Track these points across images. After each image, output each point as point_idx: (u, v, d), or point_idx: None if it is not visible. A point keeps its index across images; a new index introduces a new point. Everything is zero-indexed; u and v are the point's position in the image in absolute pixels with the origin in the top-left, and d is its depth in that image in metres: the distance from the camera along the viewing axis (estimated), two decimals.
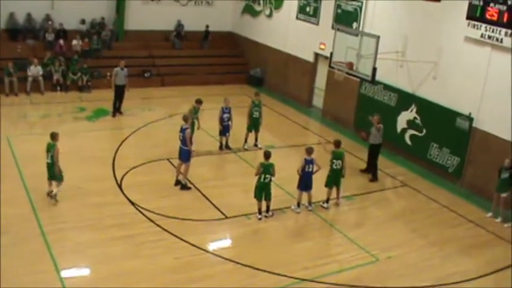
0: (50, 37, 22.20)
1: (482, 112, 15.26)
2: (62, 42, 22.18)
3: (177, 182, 14.14)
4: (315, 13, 21.49)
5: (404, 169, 17.00)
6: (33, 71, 20.48)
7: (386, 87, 18.17)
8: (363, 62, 15.60)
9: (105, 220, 12.17)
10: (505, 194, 13.81)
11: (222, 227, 12.62)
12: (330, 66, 17.28)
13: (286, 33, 23.18)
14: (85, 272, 10.46)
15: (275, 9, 23.92)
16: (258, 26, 25.09)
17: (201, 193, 13.89)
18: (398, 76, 17.74)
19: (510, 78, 14.36)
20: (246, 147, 17.07)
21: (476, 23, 14.95)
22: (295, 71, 22.80)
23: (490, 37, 14.66)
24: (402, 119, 17.68)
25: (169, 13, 24.96)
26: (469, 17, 15.12)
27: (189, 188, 14.05)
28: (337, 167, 13.67)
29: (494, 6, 14.37)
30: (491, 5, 14.45)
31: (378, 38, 15.00)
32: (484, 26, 14.75)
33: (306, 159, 13.09)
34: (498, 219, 14.00)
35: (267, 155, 12.72)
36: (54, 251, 10.77)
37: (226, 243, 12.23)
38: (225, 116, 16.43)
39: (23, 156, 14.80)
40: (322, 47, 20.98)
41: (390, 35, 17.21)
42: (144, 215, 12.55)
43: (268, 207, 13.02)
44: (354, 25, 19.24)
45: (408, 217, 13.96)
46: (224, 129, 16.59)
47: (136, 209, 12.81)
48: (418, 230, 13.29)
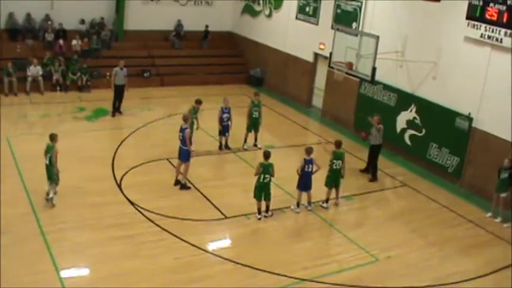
0: (49, 37, 22.21)
1: (482, 112, 15.27)
2: (61, 42, 22.19)
3: (177, 182, 14.14)
4: (315, 13, 21.49)
5: (404, 169, 17.00)
6: (33, 71, 20.48)
7: (386, 87, 18.17)
8: (363, 62, 15.60)
9: (105, 220, 12.17)
10: (504, 194, 13.81)
11: (222, 227, 12.61)
12: (329, 66, 17.28)
13: (286, 33, 23.18)
14: (85, 272, 10.46)
15: (275, 9, 23.92)
16: (258, 26, 25.08)
17: (200, 193, 13.89)
18: (398, 76, 17.74)
19: (510, 78, 14.36)
20: (246, 147, 17.06)
21: (476, 23, 14.95)
22: (295, 71, 22.79)
23: (489, 37, 14.66)
24: (402, 119, 17.68)
25: (168, 13, 24.97)
26: (468, 17, 15.13)
27: (189, 188, 14.05)
28: (337, 167, 13.67)
29: (494, 6, 14.38)
30: (490, 5, 14.46)
31: (378, 38, 15.00)
32: (483, 26, 14.75)
33: (305, 159, 13.09)
34: (498, 219, 14.00)
35: (267, 155, 12.71)
36: (53, 251, 10.77)
37: (226, 243, 12.23)
38: (225, 116, 16.43)
39: (22, 156, 14.79)
40: (322, 47, 20.98)
41: (390, 35, 17.21)
42: (143, 215, 12.55)
43: (267, 207, 13.02)
44: (354, 25, 19.24)
45: (408, 217, 13.96)
46: (224, 129, 16.59)
47: (136, 209, 12.81)
48: (417, 230, 13.29)
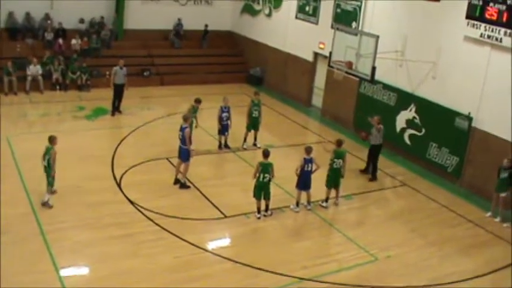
0: (49, 36, 22.21)
1: (482, 112, 15.27)
2: (61, 41, 22.19)
3: (176, 181, 14.14)
4: (314, 12, 21.48)
5: (404, 169, 17.00)
6: (33, 70, 20.47)
7: (386, 87, 18.17)
8: (362, 61, 15.60)
9: (104, 219, 12.17)
10: (504, 194, 13.81)
11: (221, 226, 12.61)
12: (329, 65, 17.27)
13: (286, 32, 23.17)
14: (84, 271, 10.46)
15: (274, 9, 23.92)
16: (258, 26, 25.08)
17: (200, 192, 13.89)
18: (398, 76, 17.74)
19: (509, 78, 14.36)
20: (245, 147, 17.06)
21: (475, 22, 14.95)
22: (295, 70, 22.79)
23: (489, 37, 14.66)
24: (401, 119, 17.68)
25: (168, 12, 24.96)
26: (468, 16, 15.13)
27: (188, 187, 14.05)
28: (337, 166, 13.67)
29: (494, 5, 14.37)
30: (490, 4, 14.45)
31: (377, 37, 15.00)
32: (483, 25, 14.75)
33: (305, 159, 13.09)
34: (497, 219, 14.00)
35: (266, 153, 12.70)
36: (53, 251, 10.76)
37: (226, 243, 12.22)
38: (224, 115, 16.43)
39: (22, 155, 14.77)
40: (322, 46, 20.98)
41: (389, 35, 17.20)
42: (143, 214, 12.54)
43: (267, 207, 13.02)
44: (353, 24, 19.24)
45: (407, 217, 13.96)
46: (223, 129, 16.59)
47: (136, 208, 12.80)
48: (417, 230, 13.29)
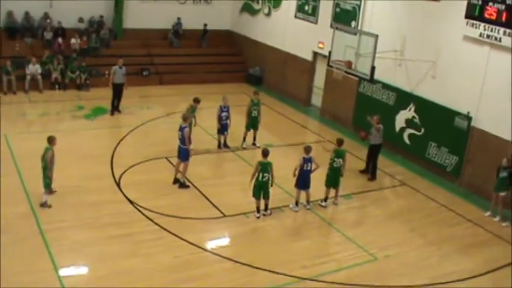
0: (48, 35, 22.20)
1: (481, 111, 15.27)
2: (60, 40, 22.18)
3: (176, 181, 14.13)
4: (314, 12, 21.47)
5: (403, 168, 17.01)
6: (32, 70, 20.46)
7: (385, 86, 18.17)
8: (362, 60, 15.60)
9: (104, 219, 12.16)
10: (503, 193, 13.82)
11: (221, 226, 12.61)
12: (328, 65, 17.25)
13: (285, 32, 23.16)
14: (83, 271, 10.46)
15: (274, 8, 23.90)
16: (257, 25, 25.06)
17: (199, 192, 13.89)
18: (397, 75, 17.74)
19: (508, 77, 14.37)
20: (245, 146, 17.06)
21: (475, 22, 14.96)
22: (294, 69, 22.78)
23: (488, 36, 14.67)
24: (401, 118, 17.68)
25: (167, 12, 24.93)
26: (467, 16, 15.13)
27: (188, 187, 14.04)
28: (337, 165, 13.67)
29: (493, 5, 14.37)
30: (490, 4, 14.46)
31: (377, 36, 15.00)
32: (482, 25, 14.75)
33: (304, 158, 13.09)
34: (496, 218, 14.01)
35: (265, 153, 12.70)
36: (52, 250, 10.76)
37: (225, 242, 12.21)
38: (223, 115, 16.42)
39: (21, 154, 14.76)
40: (321, 45, 20.97)
41: (389, 34, 17.20)
42: (142, 214, 12.54)
43: (266, 206, 13.02)
44: (353, 24, 19.23)
45: (406, 216, 13.97)
46: (222, 128, 16.58)
47: (135, 207, 12.80)
48: (416, 229, 13.29)
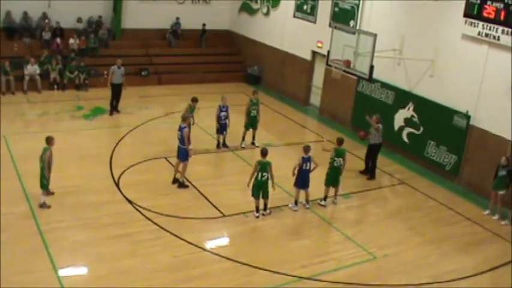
0: (46, 36, 22.18)
1: (480, 110, 15.28)
2: (58, 40, 22.15)
3: (175, 180, 14.13)
4: (312, 11, 21.48)
5: (402, 167, 17.01)
6: (30, 70, 20.43)
7: (384, 85, 18.17)
8: (360, 60, 15.60)
9: (103, 219, 12.15)
10: (502, 192, 13.83)
11: (220, 225, 12.61)
12: (327, 64, 17.24)
13: (284, 31, 23.16)
14: (83, 271, 10.45)
15: (272, 8, 23.90)
16: (255, 24, 25.06)
17: (198, 191, 13.88)
18: (396, 74, 17.75)
19: (507, 76, 14.37)
20: (244, 146, 17.05)
21: (473, 20, 14.97)
22: (293, 69, 22.78)
23: (487, 35, 14.67)
24: (399, 117, 17.69)
25: (166, 11, 24.91)
26: (466, 14, 15.14)
27: (187, 187, 14.04)
28: (337, 164, 13.67)
29: (492, 4, 14.38)
30: (488, 3, 14.46)
31: (375, 36, 15.01)
32: (481, 23, 14.76)
33: (303, 157, 13.10)
34: (495, 217, 14.03)
35: (264, 152, 12.70)
36: (51, 250, 10.75)
37: (224, 242, 12.21)
38: (222, 115, 16.42)
39: (20, 155, 14.74)
40: (320, 45, 20.97)
41: (387, 33, 17.21)
42: (141, 214, 12.54)
43: (265, 205, 13.02)
44: (351, 23, 19.24)
45: (405, 215, 13.98)
46: (221, 128, 16.57)
47: (134, 207, 12.79)
48: (415, 228, 13.31)
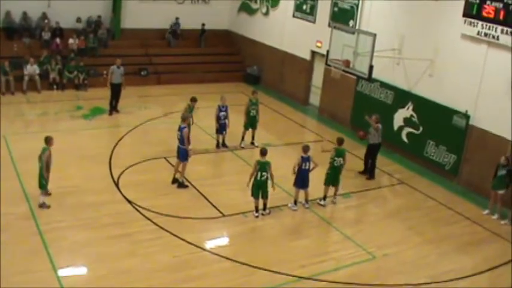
0: (46, 36, 22.17)
1: (479, 110, 15.28)
2: (58, 40, 22.15)
3: (174, 180, 14.13)
4: (312, 11, 21.48)
5: (401, 167, 17.02)
6: (30, 70, 20.42)
7: (383, 85, 18.18)
8: (360, 59, 15.60)
9: (102, 219, 12.16)
10: (502, 191, 13.84)
11: (219, 225, 12.61)
12: (326, 64, 17.26)
13: (283, 31, 23.16)
14: (82, 271, 10.44)
15: (272, 8, 23.90)
16: (255, 24, 25.06)
17: (198, 191, 13.88)
18: (395, 74, 17.76)
19: (506, 75, 14.38)
20: (243, 145, 17.05)
21: (472, 20, 14.97)
22: (292, 69, 22.78)
23: (486, 34, 14.68)
24: (399, 117, 17.70)
25: (165, 11, 24.91)
26: (465, 14, 15.15)
27: (186, 186, 14.04)
28: (337, 164, 13.68)
29: (491, 3, 14.39)
30: (487, 2, 14.47)
31: (375, 35, 15.01)
32: (480, 23, 14.77)
33: (302, 157, 13.10)
34: (495, 216, 14.03)
35: (263, 152, 12.70)
36: (51, 250, 10.75)
37: (224, 242, 12.21)
38: (222, 114, 16.41)
39: (20, 155, 14.73)
40: (319, 45, 20.97)
41: (387, 33, 17.21)
42: (141, 214, 12.54)
43: (265, 205, 13.02)
44: (351, 23, 19.24)
45: (405, 215, 13.98)
46: (221, 128, 16.57)
47: (133, 207, 12.79)
48: (414, 228, 13.31)
